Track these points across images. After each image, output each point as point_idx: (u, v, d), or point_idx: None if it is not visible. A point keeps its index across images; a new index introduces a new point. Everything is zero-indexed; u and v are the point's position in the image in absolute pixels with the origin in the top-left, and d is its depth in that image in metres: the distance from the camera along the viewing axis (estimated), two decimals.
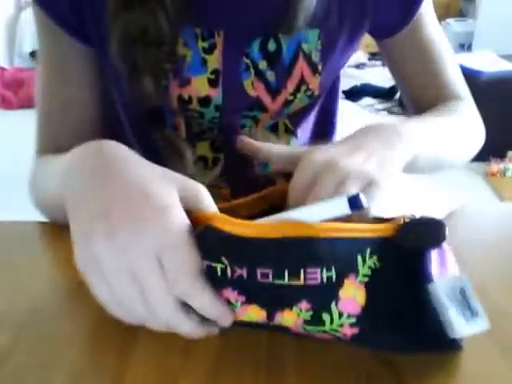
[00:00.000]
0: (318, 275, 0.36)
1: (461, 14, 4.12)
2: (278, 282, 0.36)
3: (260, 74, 0.60)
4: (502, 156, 2.47)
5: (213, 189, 0.69)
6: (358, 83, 3.50)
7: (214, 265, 0.36)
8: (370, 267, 0.37)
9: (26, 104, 3.21)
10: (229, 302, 0.37)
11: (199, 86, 0.59)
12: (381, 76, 3.66)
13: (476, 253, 0.53)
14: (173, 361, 0.40)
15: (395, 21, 0.65)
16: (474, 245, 0.55)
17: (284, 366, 0.39)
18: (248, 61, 0.59)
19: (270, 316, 0.38)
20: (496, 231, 0.58)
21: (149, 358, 0.40)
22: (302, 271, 0.36)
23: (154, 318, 0.35)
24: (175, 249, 0.33)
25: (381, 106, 3.27)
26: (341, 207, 0.37)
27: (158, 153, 0.66)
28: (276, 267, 0.36)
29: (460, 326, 0.36)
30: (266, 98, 0.62)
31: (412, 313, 0.38)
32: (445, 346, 0.39)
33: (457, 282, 0.37)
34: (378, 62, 4.05)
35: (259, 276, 0.36)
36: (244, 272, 0.36)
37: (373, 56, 4.11)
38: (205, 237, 0.36)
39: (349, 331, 0.38)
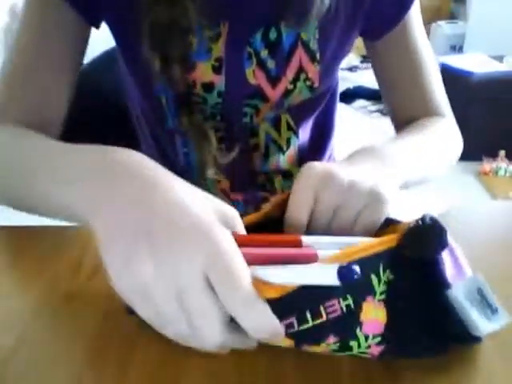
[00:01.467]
0: (337, 306, 0.36)
1: (451, 17, 4.15)
2: (303, 327, 0.35)
3: (261, 63, 0.62)
4: (494, 155, 2.49)
5: (213, 181, 0.70)
6: (351, 86, 3.52)
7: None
8: (385, 282, 0.37)
9: None
10: None
11: (203, 71, 0.61)
12: (373, 78, 3.67)
13: (468, 251, 0.52)
14: (171, 371, 0.39)
15: (390, 15, 0.65)
16: (467, 243, 0.52)
17: (283, 371, 0.39)
18: (251, 49, 0.61)
19: (298, 346, 0.37)
20: (488, 230, 0.59)
21: (150, 360, 0.40)
22: (322, 308, 0.35)
23: (201, 340, 0.33)
24: (225, 263, 0.31)
25: (373, 108, 3.29)
26: (329, 277, 0.34)
27: (171, 142, 0.68)
28: (298, 313, 0.35)
29: (483, 324, 0.37)
30: (267, 87, 0.64)
31: (433, 318, 0.38)
32: (468, 341, 0.40)
33: (473, 282, 0.37)
34: (371, 65, 4.06)
35: (285, 328, 0.34)
36: None
37: (365, 59, 4.13)
38: None
39: (375, 350, 0.38)
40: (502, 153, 2.49)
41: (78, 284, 0.48)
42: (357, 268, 0.35)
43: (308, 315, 0.35)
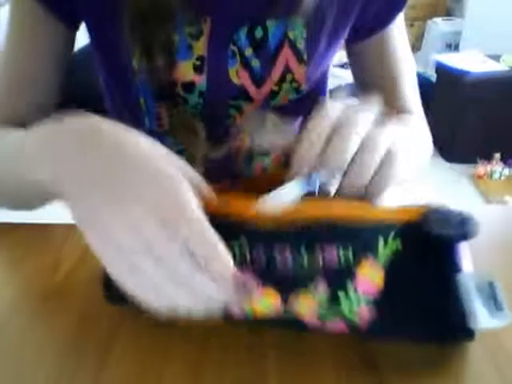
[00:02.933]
0: (335, 257, 0.37)
1: (448, 14, 4.11)
2: (296, 261, 0.37)
3: (245, 62, 0.60)
4: (488, 158, 2.48)
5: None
6: (343, 83, 3.47)
7: (231, 243, 0.37)
8: (391, 250, 0.37)
9: None
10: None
11: (184, 70, 0.59)
12: None
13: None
14: (148, 371, 0.39)
15: (382, 16, 0.65)
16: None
17: (265, 366, 0.39)
18: (235, 48, 0.59)
19: (285, 300, 0.38)
20: (483, 234, 0.59)
21: (127, 359, 0.40)
22: (319, 251, 0.37)
23: (162, 274, 0.33)
24: (174, 197, 0.33)
25: None
26: (297, 189, 0.39)
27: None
28: (294, 247, 0.37)
29: (483, 317, 0.36)
30: (251, 87, 0.61)
31: (433, 299, 0.38)
32: (459, 335, 0.40)
33: (485, 275, 0.37)
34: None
35: (277, 256, 0.37)
36: (262, 251, 0.38)
37: None
38: (217, 220, 0.35)
39: (364, 313, 0.38)
40: (497, 155, 2.48)
41: (55, 283, 0.49)
42: (317, 180, 0.38)
43: (305, 252, 0.37)
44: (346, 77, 3.67)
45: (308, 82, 0.63)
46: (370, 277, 0.37)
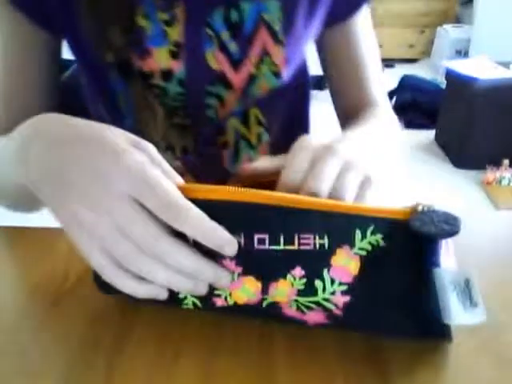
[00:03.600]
0: (311, 241, 0.37)
1: (457, 21, 4.11)
2: (273, 247, 0.38)
3: (222, 46, 0.59)
4: (497, 164, 2.46)
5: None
6: None
7: None
8: (370, 243, 0.38)
9: None
10: None
11: (160, 57, 0.58)
12: None
13: (472, 261, 0.53)
14: (159, 376, 0.39)
15: (350, 3, 0.67)
16: (470, 254, 0.54)
17: (273, 363, 0.40)
18: (211, 31, 0.58)
19: (265, 288, 0.39)
20: (492, 239, 0.58)
21: (138, 364, 0.40)
22: (296, 237, 0.37)
23: (142, 257, 0.34)
24: (147, 183, 0.34)
25: None
26: None
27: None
28: (272, 233, 0.37)
29: (457, 313, 0.37)
30: (229, 71, 0.61)
31: (410, 293, 0.38)
32: (434, 333, 0.40)
33: (463, 272, 0.38)
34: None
35: (256, 242, 0.38)
36: (241, 238, 0.38)
37: None
38: (196, 206, 0.36)
39: (341, 299, 0.39)
40: (506, 162, 2.46)
41: (66, 287, 0.48)
42: None
43: (281, 238, 0.37)
44: None
45: (287, 65, 0.63)
46: (345, 265, 0.38)
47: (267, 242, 0.38)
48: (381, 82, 0.74)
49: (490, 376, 0.39)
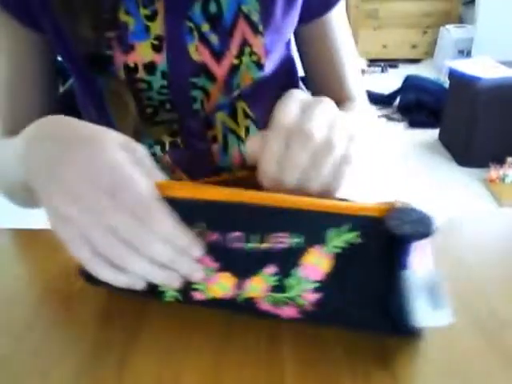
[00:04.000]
0: (284, 240, 0.38)
1: (460, 21, 4.13)
2: (248, 245, 0.39)
3: (203, 38, 0.60)
4: (501, 162, 2.46)
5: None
6: None
7: (191, 228, 0.39)
8: (346, 241, 0.38)
9: None
10: (203, 270, 0.40)
11: (143, 51, 0.59)
12: (380, 83, 3.67)
13: (476, 259, 0.54)
14: (170, 373, 0.40)
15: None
16: (474, 251, 0.55)
17: (282, 365, 0.40)
18: (191, 24, 0.59)
19: (240, 283, 0.40)
20: (496, 237, 0.58)
21: (149, 362, 0.41)
22: (269, 235, 0.38)
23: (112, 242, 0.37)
24: (121, 182, 0.37)
25: (380, 113, 3.27)
26: None
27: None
28: (246, 231, 0.39)
29: (423, 316, 0.37)
30: (211, 63, 0.62)
31: (383, 290, 0.39)
32: (404, 331, 0.40)
33: (430, 274, 0.38)
34: (378, 69, 4.06)
35: (232, 240, 0.39)
36: (219, 235, 0.39)
37: (372, 63, 4.12)
38: (176, 204, 0.38)
39: (312, 296, 0.40)
40: (510, 159, 2.46)
41: (77, 286, 0.49)
42: None
43: (255, 236, 0.39)
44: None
45: (268, 56, 0.63)
46: (316, 264, 0.39)
47: (243, 240, 0.39)
48: (358, 78, 0.75)
49: (496, 373, 0.39)
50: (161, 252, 0.38)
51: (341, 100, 0.71)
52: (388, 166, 2.60)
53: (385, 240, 0.38)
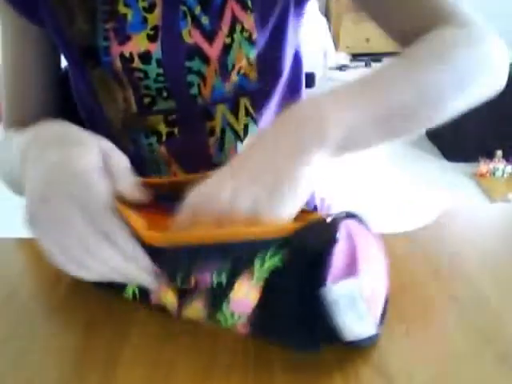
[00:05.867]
0: (208, 279, 0.39)
1: None
2: (176, 282, 0.41)
3: (196, 21, 0.61)
4: (490, 156, 2.46)
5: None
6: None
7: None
8: (269, 268, 0.38)
9: None
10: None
11: (139, 41, 0.61)
12: None
13: (467, 253, 0.54)
14: (159, 374, 0.40)
15: None
16: (465, 246, 0.56)
17: (272, 373, 0.40)
18: (185, 8, 0.61)
19: (180, 306, 0.43)
20: (487, 232, 0.59)
21: (134, 375, 0.41)
22: (192, 277, 0.40)
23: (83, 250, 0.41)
24: (86, 189, 0.41)
25: None
26: None
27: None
28: (170, 272, 0.41)
29: (349, 331, 0.38)
30: (204, 44, 0.62)
31: (305, 314, 0.38)
32: (334, 344, 0.40)
33: (348, 286, 0.37)
34: (361, 64, 4.04)
35: (164, 276, 0.41)
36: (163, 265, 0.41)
37: (354, 57, 4.09)
38: None
39: (243, 329, 0.41)
40: (499, 153, 2.46)
41: (59, 294, 0.51)
42: None
43: (178, 277, 0.41)
44: (343, 79, 3.67)
45: (259, 31, 0.63)
46: (244, 297, 0.39)
47: (170, 277, 0.41)
48: None
49: (493, 371, 0.39)
50: (111, 258, 0.41)
51: (432, 25, 0.55)
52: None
53: (301, 259, 0.37)
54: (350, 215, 0.39)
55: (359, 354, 0.41)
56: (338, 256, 0.37)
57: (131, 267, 0.41)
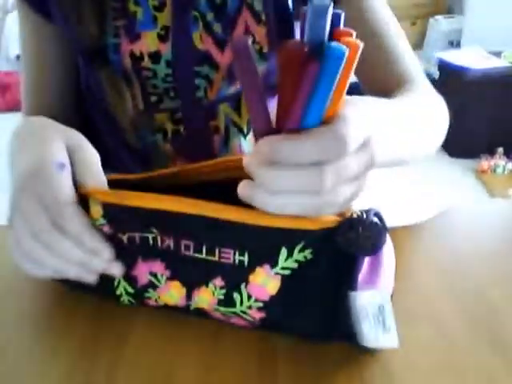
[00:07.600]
0: (230, 256, 0.38)
1: (449, 11, 4.12)
2: (197, 255, 0.39)
3: (208, 27, 0.62)
4: (491, 153, 2.47)
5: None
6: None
7: (145, 235, 0.40)
8: (297, 261, 0.37)
9: (14, 107, 3.16)
10: (155, 277, 0.42)
11: (149, 41, 0.61)
12: None
13: (467, 250, 0.54)
14: (160, 374, 0.40)
15: None
16: (466, 242, 0.55)
17: (275, 373, 0.39)
18: (196, 13, 0.61)
19: (189, 294, 0.41)
20: (488, 228, 0.59)
21: (136, 375, 0.40)
22: (217, 249, 0.39)
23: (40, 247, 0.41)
24: (47, 183, 0.41)
25: None
26: None
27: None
28: (196, 241, 0.39)
29: (370, 338, 0.37)
30: (215, 51, 0.63)
31: (329, 312, 0.38)
32: (355, 345, 0.40)
33: (378, 296, 0.36)
34: None
35: (183, 248, 0.40)
36: (171, 242, 0.40)
37: None
38: (126, 211, 0.39)
39: (257, 315, 0.40)
40: (500, 150, 2.47)
41: (60, 296, 0.49)
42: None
43: (203, 248, 0.39)
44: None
45: (271, 46, 0.63)
46: (262, 284, 0.38)
47: (191, 248, 0.39)
48: (413, 57, 0.67)
49: (496, 367, 0.39)
50: (70, 252, 0.41)
51: (399, 84, 0.64)
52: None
53: (334, 258, 0.36)
54: (376, 214, 0.36)
55: (364, 353, 0.40)
56: (367, 263, 0.37)
57: (94, 261, 0.42)
